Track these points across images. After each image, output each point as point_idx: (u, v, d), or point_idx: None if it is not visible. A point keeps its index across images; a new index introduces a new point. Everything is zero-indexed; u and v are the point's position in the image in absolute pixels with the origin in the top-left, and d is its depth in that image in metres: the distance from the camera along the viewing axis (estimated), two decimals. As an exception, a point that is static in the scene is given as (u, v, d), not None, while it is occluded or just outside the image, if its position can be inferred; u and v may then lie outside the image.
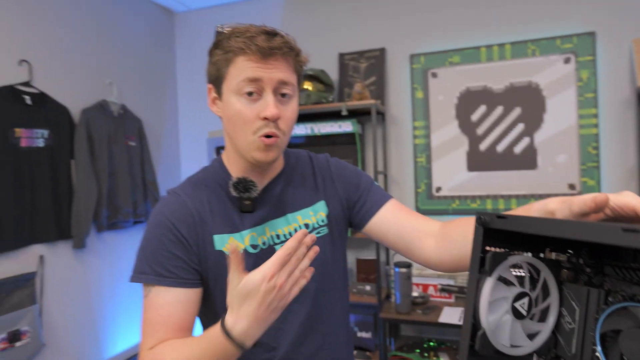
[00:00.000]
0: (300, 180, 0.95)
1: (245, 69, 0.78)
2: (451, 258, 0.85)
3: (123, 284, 2.57)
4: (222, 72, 0.81)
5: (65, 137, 2.22)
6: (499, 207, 2.40)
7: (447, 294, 2.37)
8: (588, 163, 2.27)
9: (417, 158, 2.54)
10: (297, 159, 0.98)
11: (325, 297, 0.92)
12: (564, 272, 0.65)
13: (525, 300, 0.63)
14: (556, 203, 0.67)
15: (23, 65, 2.06)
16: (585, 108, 2.26)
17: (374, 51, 2.58)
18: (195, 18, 3.07)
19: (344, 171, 0.99)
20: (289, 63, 0.82)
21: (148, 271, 0.81)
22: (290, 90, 0.82)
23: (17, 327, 1.93)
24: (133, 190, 2.53)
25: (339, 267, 0.97)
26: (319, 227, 0.93)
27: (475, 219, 0.62)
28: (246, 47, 0.77)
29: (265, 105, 0.79)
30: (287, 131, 0.84)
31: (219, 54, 0.81)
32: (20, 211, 2.00)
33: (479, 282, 0.62)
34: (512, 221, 0.59)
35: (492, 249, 0.64)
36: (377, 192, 0.97)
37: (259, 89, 0.79)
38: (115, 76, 2.57)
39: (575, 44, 2.25)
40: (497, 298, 0.62)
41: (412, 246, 0.90)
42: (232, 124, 0.82)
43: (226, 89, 0.81)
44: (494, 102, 2.39)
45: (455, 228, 0.86)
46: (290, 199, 0.92)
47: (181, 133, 3.13)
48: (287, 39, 0.81)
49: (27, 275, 2.02)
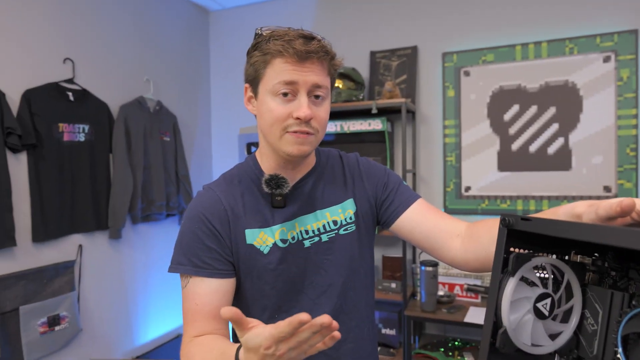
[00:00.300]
0: (331, 178, 0.97)
1: (282, 71, 0.81)
2: (477, 258, 0.86)
3: (155, 274, 2.67)
4: (259, 73, 0.84)
5: (105, 132, 2.32)
6: (529, 209, 2.35)
7: (474, 294, 2.35)
8: (625, 165, 2.19)
9: (447, 157, 2.52)
10: (327, 157, 1.00)
11: (352, 292, 0.95)
12: (588, 275, 0.65)
13: (548, 301, 0.63)
14: (583, 207, 0.67)
15: (67, 63, 2.16)
16: (624, 108, 2.18)
17: (406, 49, 2.57)
18: (229, 16, 3.13)
19: (373, 170, 1.01)
20: (323, 66, 0.84)
21: (185, 262, 0.85)
22: (323, 93, 0.84)
23: (57, 312, 2.04)
24: (167, 184, 2.62)
25: (365, 264, 0.99)
26: (347, 224, 0.95)
27: (500, 221, 0.63)
28: (284, 50, 0.80)
29: (299, 105, 0.81)
30: (319, 129, 0.86)
31: (257, 56, 0.84)
32: (62, 203, 2.11)
33: (502, 282, 0.63)
34: (536, 224, 0.60)
35: (516, 250, 0.65)
36: (405, 192, 0.98)
37: (293, 91, 0.81)
38: (152, 73, 2.66)
39: (616, 42, 2.18)
40: (519, 298, 0.62)
41: (438, 246, 0.92)
42: (265, 121, 0.85)
43: (262, 89, 0.84)
44: (527, 102, 2.34)
45: (482, 229, 0.86)
46: (320, 196, 0.95)
47: (213, 129, 3.21)
48: (323, 43, 0.83)
49: (67, 263, 2.12)
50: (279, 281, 0.89)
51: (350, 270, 0.94)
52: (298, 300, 0.91)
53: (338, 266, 0.93)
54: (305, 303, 0.91)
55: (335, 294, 0.92)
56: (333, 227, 0.94)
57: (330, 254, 0.93)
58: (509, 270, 0.62)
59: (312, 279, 0.92)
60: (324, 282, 0.92)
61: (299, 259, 0.91)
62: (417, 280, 2.46)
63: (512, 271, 0.62)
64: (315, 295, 0.92)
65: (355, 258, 0.95)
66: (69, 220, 2.15)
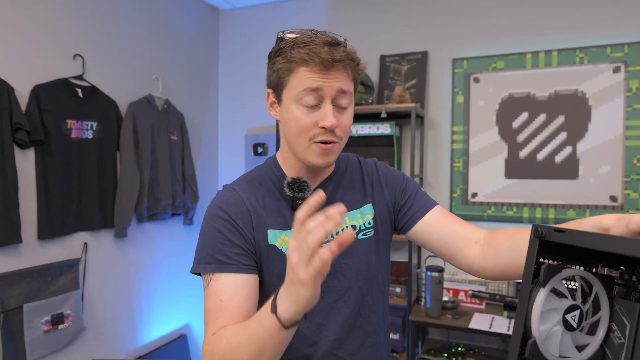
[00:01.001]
0: (350, 183, 0.98)
1: (306, 79, 0.80)
2: (495, 266, 0.86)
3: (160, 274, 2.66)
4: (283, 80, 0.83)
5: (113, 129, 2.31)
6: (536, 216, 2.36)
7: (478, 300, 2.35)
8: (632, 175, 2.19)
9: (454, 163, 2.52)
10: (347, 162, 1.01)
11: (370, 296, 0.95)
12: (615, 288, 0.66)
13: (577, 313, 0.63)
14: (612, 220, 0.67)
15: (77, 60, 2.16)
16: (633, 119, 2.19)
17: (416, 54, 2.57)
18: (240, 16, 3.13)
19: (392, 176, 1.02)
20: (348, 73, 0.84)
21: (209, 260, 0.84)
22: (348, 99, 0.85)
23: (60, 310, 2.03)
24: (173, 183, 2.61)
25: (383, 269, 0.99)
26: (365, 229, 0.96)
27: (532, 231, 0.63)
28: (309, 59, 0.79)
29: (324, 114, 0.81)
30: (343, 137, 0.86)
31: (280, 62, 0.83)
32: (69, 200, 2.10)
33: (532, 293, 0.63)
34: (570, 235, 0.60)
35: (546, 260, 0.65)
36: (423, 198, 0.99)
37: (318, 99, 0.81)
38: (161, 71, 2.66)
39: (627, 53, 2.18)
40: (549, 309, 0.62)
41: (456, 252, 0.92)
42: (290, 129, 0.85)
43: (286, 96, 0.84)
44: (536, 110, 2.35)
45: (502, 237, 0.87)
46: (339, 201, 0.95)
47: (220, 129, 3.21)
48: (349, 50, 0.83)
49: (72, 261, 2.11)
50: None
51: (368, 275, 0.94)
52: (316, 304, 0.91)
53: (356, 270, 0.93)
54: (322, 307, 0.91)
55: (353, 298, 0.92)
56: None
57: (348, 258, 0.93)
58: (540, 281, 0.62)
59: (330, 282, 0.91)
60: (341, 287, 0.92)
61: None
62: (422, 285, 2.46)
63: (544, 282, 0.62)
64: (332, 300, 0.92)
65: (373, 263, 0.96)
66: (75, 217, 2.14)
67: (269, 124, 2.96)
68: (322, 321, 0.90)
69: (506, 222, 2.41)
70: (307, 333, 0.90)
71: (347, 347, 0.92)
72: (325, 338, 0.90)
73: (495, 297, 2.28)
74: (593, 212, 2.25)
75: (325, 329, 0.91)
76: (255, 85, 3.07)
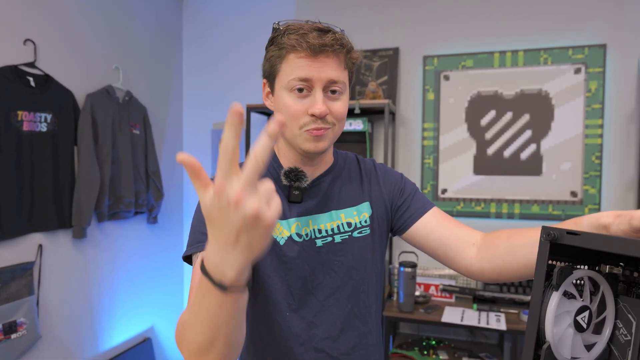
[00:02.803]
0: (347, 179, 0.97)
1: (296, 66, 0.80)
2: (493, 268, 0.87)
3: (122, 276, 2.52)
4: (275, 68, 0.84)
5: (69, 122, 2.14)
6: (502, 211, 2.43)
7: (448, 294, 2.40)
8: (591, 172, 2.31)
9: (425, 159, 2.55)
10: (345, 159, 1.00)
11: (364, 296, 0.94)
12: (620, 285, 0.67)
13: (586, 313, 0.64)
14: (610, 217, 0.69)
15: (28, 45, 1.98)
16: (591, 118, 2.30)
17: (388, 50, 2.57)
18: (205, 4, 2.99)
19: (390, 175, 1.01)
20: (340, 60, 0.83)
21: (201, 238, 0.80)
22: (340, 88, 0.84)
23: (13, 318, 1.87)
24: (136, 179, 2.47)
25: (377, 269, 0.98)
26: (362, 227, 0.94)
27: (542, 234, 0.62)
28: (297, 45, 0.79)
29: (314, 102, 0.81)
30: (337, 123, 0.85)
31: (273, 50, 0.83)
32: (20, 198, 1.93)
33: (544, 296, 0.62)
34: (585, 238, 0.59)
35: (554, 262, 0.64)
36: (420, 199, 0.98)
37: (308, 87, 0.81)
38: (121, 61, 2.50)
39: (587, 55, 2.29)
40: (561, 312, 0.62)
41: (453, 254, 0.92)
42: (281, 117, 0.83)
43: (278, 85, 0.84)
44: (503, 108, 2.42)
45: (498, 239, 0.87)
46: (336, 196, 0.94)
47: (185, 123, 3.07)
48: (338, 36, 0.82)
49: (26, 265, 1.95)
50: (292, 276, 0.88)
51: (362, 274, 0.93)
52: (307, 300, 0.89)
53: (349, 269, 0.92)
54: (313, 304, 0.90)
55: (345, 296, 0.91)
56: (347, 228, 0.93)
57: (342, 256, 0.91)
58: (553, 284, 0.62)
59: (322, 279, 0.90)
60: (333, 284, 0.90)
61: (310, 257, 0.89)
62: (394, 281, 2.48)
63: (557, 285, 0.62)
64: (323, 297, 0.90)
65: (367, 262, 0.94)
66: (27, 218, 1.97)
67: (237, 118, 2.87)
68: (312, 319, 0.89)
69: (474, 218, 2.47)
70: (297, 330, 0.88)
71: (340, 346, 0.91)
72: (316, 336, 0.89)
73: (465, 291, 2.34)
74: (555, 207, 2.36)
75: (316, 327, 0.89)
76: (222, 78, 2.96)
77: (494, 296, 2.28)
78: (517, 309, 2.20)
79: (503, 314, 2.17)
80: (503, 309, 2.22)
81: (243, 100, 2.85)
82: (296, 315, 0.89)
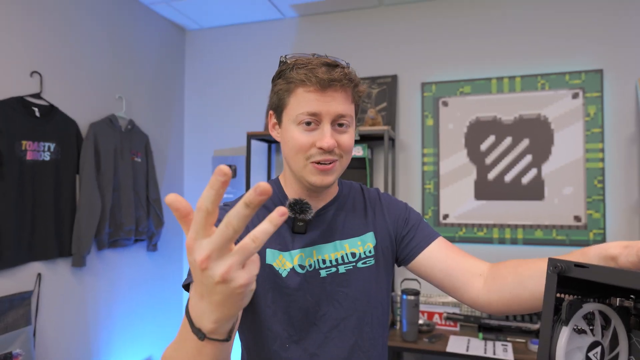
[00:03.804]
0: (352, 209, 0.96)
1: (304, 101, 0.81)
2: (500, 299, 0.85)
3: (120, 305, 2.49)
4: (283, 101, 0.85)
5: (72, 150, 2.16)
6: (505, 237, 2.41)
7: (453, 322, 2.35)
8: (594, 196, 2.30)
9: (425, 185, 2.55)
10: (350, 189, 1.00)
11: (368, 328, 0.92)
12: (632, 319, 0.65)
13: (598, 349, 0.62)
14: (618, 248, 0.68)
15: (34, 77, 2.02)
16: (591, 142, 2.31)
17: (386, 77, 2.61)
18: (206, 37, 3.06)
19: (394, 205, 1.01)
20: (347, 94, 0.84)
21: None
22: (347, 121, 0.84)
23: (9, 349, 1.84)
24: (137, 207, 2.47)
25: (383, 301, 0.95)
26: (366, 257, 0.93)
27: (548, 266, 0.61)
28: (306, 79, 0.80)
29: (322, 135, 0.81)
30: (344, 155, 0.85)
31: (281, 84, 0.84)
32: (21, 227, 1.93)
33: (554, 331, 0.61)
34: (594, 272, 0.58)
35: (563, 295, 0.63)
36: (425, 229, 0.97)
37: (317, 120, 0.82)
38: (124, 91, 2.54)
39: (584, 80, 2.31)
40: (572, 348, 0.61)
41: (460, 285, 0.90)
42: (289, 149, 0.85)
43: (286, 118, 0.85)
44: (503, 133, 2.43)
45: (506, 270, 0.86)
46: (340, 226, 0.93)
47: (186, 151, 3.09)
48: (346, 71, 0.83)
49: (24, 294, 1.93)
50: (293, 308, 0.86)
51: (367, 305, 0.91)
52: (309, 332, 0.87)
53: (353, 300, 0.90)
54: (316, 336, 0.87)
55: (349, 328, 0.89)
56: (351, 259, 0.92)
57: (346, 287, 0.90)
58: (563, 319, 0.60)
59: (325, 310, 0.88)
60: (338, 316, 0.89)
61: (314, 288, 0.88)
62: (397, 309, 2.44)
63: (566, 320, 0.60)
64: (327, 329, 0.88)
65: (372, 293, 0.92)
66: (27, 246, 1.96)
67: (238, 146, 2.89)
68: (315, 351, 0.87)
69: (477, 244, 2.45)
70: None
71: None
72: None
73: (470, 319, 2.29)
74: (559, 231, 2.34)
75: (318, 359, 0.87)
76: (222, 107, 3.00)
77: (500, 324, 2.24)
78: (524, 338, 2.15)
79: (510, 343, 2.12)
80: (510, 337, 2.17)
81: (243, 127, 2.87)
82: (297, 346, 0.86)
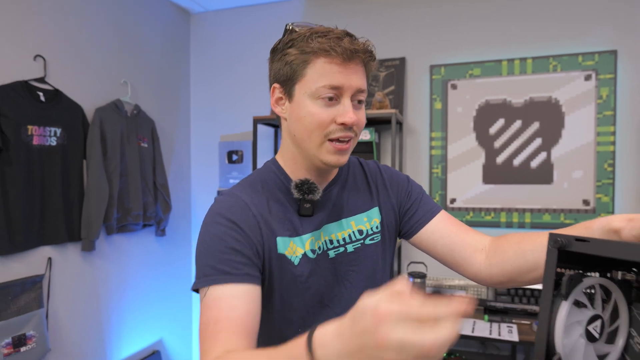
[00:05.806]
0: (354, 185, 0.94)
1: (325, 72, 0.76)
2: (502, 273, 0.85)
3: (130, 288, 2.52)
4: (297, 73, 0.78)
5: (78, 136, 2.17)
6: (513, 221, 2.39)
7: (459, 307, 2.35)
8: (603, 180, 2.26)
9: (433, 169, 2.53)
10: (349, 164, 0.97)
11: None
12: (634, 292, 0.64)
13: (598, 322, 0.61)
14: (622, 221, 0.67)
15: (38, 61, 2.01)
16: (603, 125, 2.26)
17: (394, 60, 2.57)
18: (211, 20, 3.04)
19: (396, 178, 0.98)
20: (364, 69, 0.81)
21: (209, 272, 0.75)
22: (364, 97, 0.82)
23: (22, 331, 1.87)
24: (144, 192, 2.48)
25: (386, 276, 0.95)
26: (373, 233, 0.92)
27: (549, 241, 0.60)
28: (330, 49, 0.75)
29: (344, 111, 0.77)
30: (358, 133, 0.83)
31: (293, 54, 0.78)
32: (31, 212, 1.95)
33: (553, 306, 0.60)
34: (596, 245, 0.57)
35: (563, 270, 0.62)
36: (428, 202, 0.96)
37: (337, 95, 0.77)
38: (129, 75, 2.53)
39: (597, 62, 2.26)
40: (572, 322, 0.60)
41: (462, 260, 0.90)
42: (303, 126, 0.79)
43: (300, 91, 0.79)
44: (512, 116, 2.39)
45: (507, 244, 0.85)
46: (345, 204, 0.91)
47: (193, 136, 3.09)
48: (368, 43, 0.80)
49: (35, 277, 1.96)
50: (308, 294, 0.84)
51: (374, 282, 0.90)
52: (322, 314, 0.85)
53: (364, 278, 0.89)
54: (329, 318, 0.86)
55: None
56: (359, 236, 0.90)
57: (356, 265, 0.89)
58: (562, 293, 0.59)
59: (337, 291, 0.87)
60: (350, 296, 0.87)
61: (325, 271, 0.86)
62: (403, 292, 2.44)
63: (566, 294, 0.60)
64: (340, 310, 0.87)
65: (379, 270, 0.92)
66: (37, 231, 1.98)
67: (244, 131, 2.88)
68: None
69: (484, 227, 2.43)
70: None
71: None
72: None
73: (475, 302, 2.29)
74: (567, 215, 2.31)
75: None
76: (229, 91, 2.99)
77: (505, 307, 2.23)
78: (529, 320, 2.15)
79: (515, 324, 2.11)
80: (515, 319, 2.16)
81: (249, 112, 2.86)
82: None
